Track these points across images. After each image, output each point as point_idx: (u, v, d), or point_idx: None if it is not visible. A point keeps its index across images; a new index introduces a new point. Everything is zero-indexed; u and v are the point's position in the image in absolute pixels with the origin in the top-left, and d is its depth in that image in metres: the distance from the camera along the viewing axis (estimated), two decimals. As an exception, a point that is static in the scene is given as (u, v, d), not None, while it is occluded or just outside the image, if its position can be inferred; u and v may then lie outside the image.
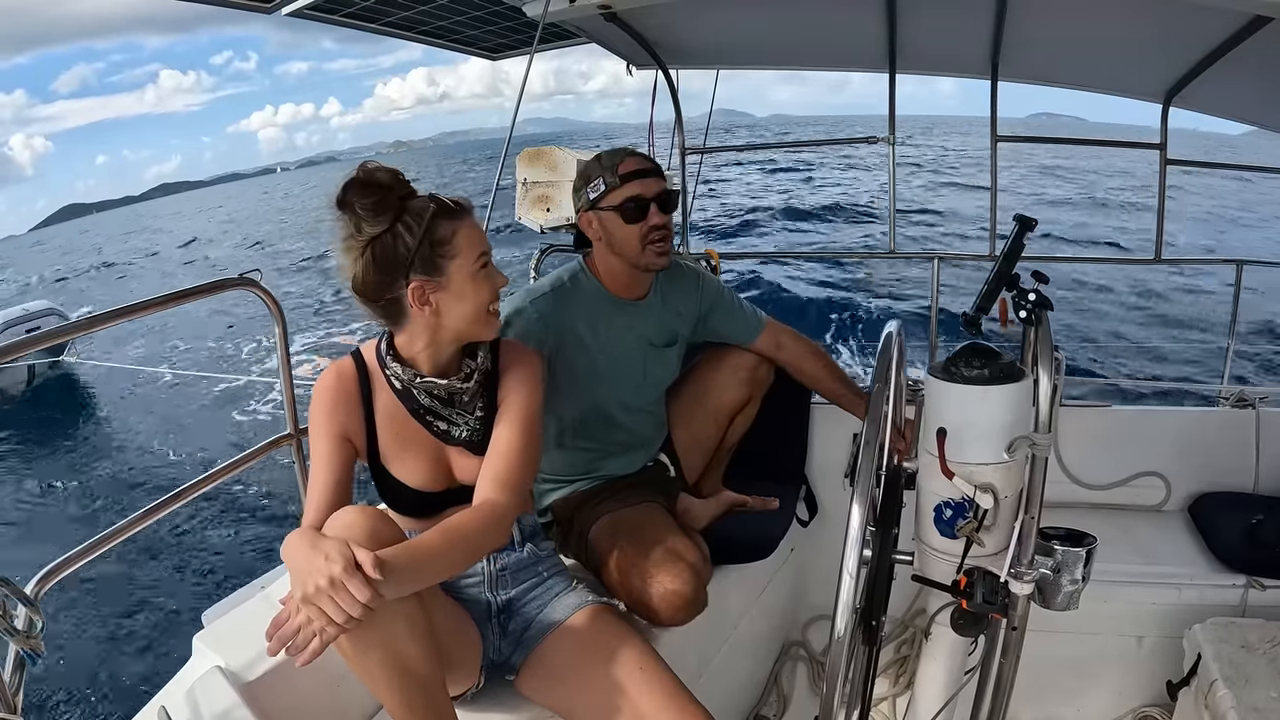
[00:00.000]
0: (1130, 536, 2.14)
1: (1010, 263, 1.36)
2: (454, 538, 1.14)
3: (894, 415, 1.23)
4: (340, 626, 0.97)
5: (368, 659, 1.11)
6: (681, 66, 2.94)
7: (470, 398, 1.32)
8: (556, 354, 1.70)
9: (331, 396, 1.28)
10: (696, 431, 1.98)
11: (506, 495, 1.24)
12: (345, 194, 1.19)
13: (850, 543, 0.98)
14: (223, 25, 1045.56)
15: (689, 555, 1.58)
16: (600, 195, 1.67)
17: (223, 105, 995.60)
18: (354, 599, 0.96)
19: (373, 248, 1.19)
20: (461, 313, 1.25)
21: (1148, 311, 11.30)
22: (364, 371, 1.32)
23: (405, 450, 1.33)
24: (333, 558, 0.97)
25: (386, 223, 1.19)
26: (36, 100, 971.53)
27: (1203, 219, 18.83)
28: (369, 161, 1.22)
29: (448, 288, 1.23)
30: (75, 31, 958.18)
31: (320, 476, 1.24)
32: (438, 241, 1.21)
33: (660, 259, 1.71)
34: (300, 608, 0.98)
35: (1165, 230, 2.68)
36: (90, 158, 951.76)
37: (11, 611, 1.07)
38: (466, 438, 1.33)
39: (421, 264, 1.21)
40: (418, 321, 1.25)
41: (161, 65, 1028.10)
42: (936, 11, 2.36)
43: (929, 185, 24.93)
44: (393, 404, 1.32)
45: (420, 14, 2.67)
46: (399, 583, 1.03)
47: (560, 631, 1.39)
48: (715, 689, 1.88)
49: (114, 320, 1.49)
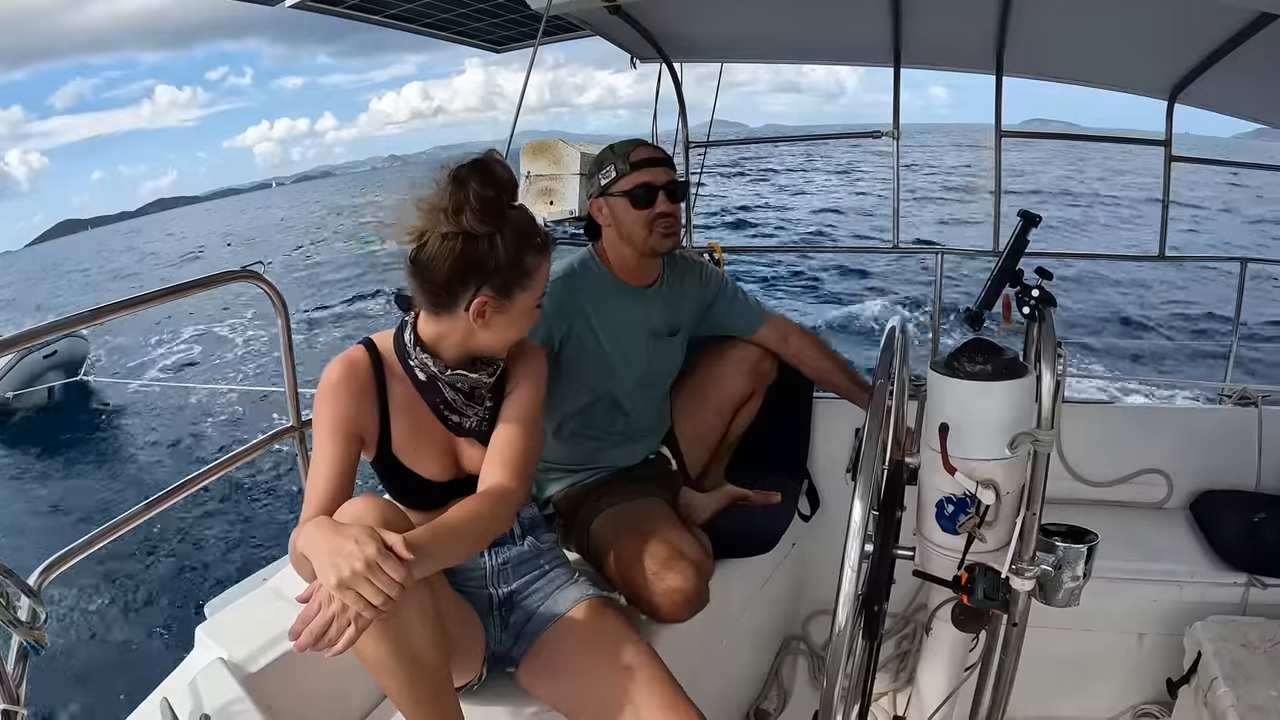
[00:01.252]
0: (1131, 534, 2.14)
1: (1014, 259, 1.36)
2: (470, 520, 1.15)
3: (897, 410, 1.23)
4: (378, 610, 0.96)
5: (380, 649, 1.10)
6: (685, 60, 2.93)
7: (487, 391, 1.34)
8: (567, 339, 1.71)
9: (343, 388, 1.25)
10: (699, 424, 1.98)
11: (513, 480, 1.25)
12: (467, 173, 1.16)
13: (852, 535, 0.98)
14: (219, 40, 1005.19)
15: (692, 552, 1.58)
16: (611, 181, 1.70)
17: (218, 120, 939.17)
18: (391, 579, 0.95)
19: (464, 241, 1.17)
20: (503, 337, 1.28)
21: (1151, 308, 11.28)
22: (378, 362, 1.30)
23: (419, 442, 1.33)
24: (363, 541, 0.97)
25: (491, 226, 1.17)
26: (33, 116, 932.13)
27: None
28: (494, 151, 1.23)
29: (508, 312, 1.24)
30: (72, 47, 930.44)
31: (323, 470, 1.21)
32: (524, 270, 1.22)
33: (666, 239, 1.73)
34: (333, 596, 0.96)
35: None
36: (86, 173, 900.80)
37: (15, 603, 1.07)
38: (475, 427, 1.34)
39: (500, 283, 1.21)
40: (460, 323, 1.25)
41: (157, 80, 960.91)
42: (941, 6, 2.35)
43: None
44: (409, 395, 1.31)
45: (424, 6, 2.67)
46: (426, 563, 1.04)
47: (560, 625, 1.39)
48: (715, 683, 1.89)
49: (119, 312, 1.49)
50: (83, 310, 1.37)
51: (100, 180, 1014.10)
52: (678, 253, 1.89)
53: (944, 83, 75.27)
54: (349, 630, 0.96)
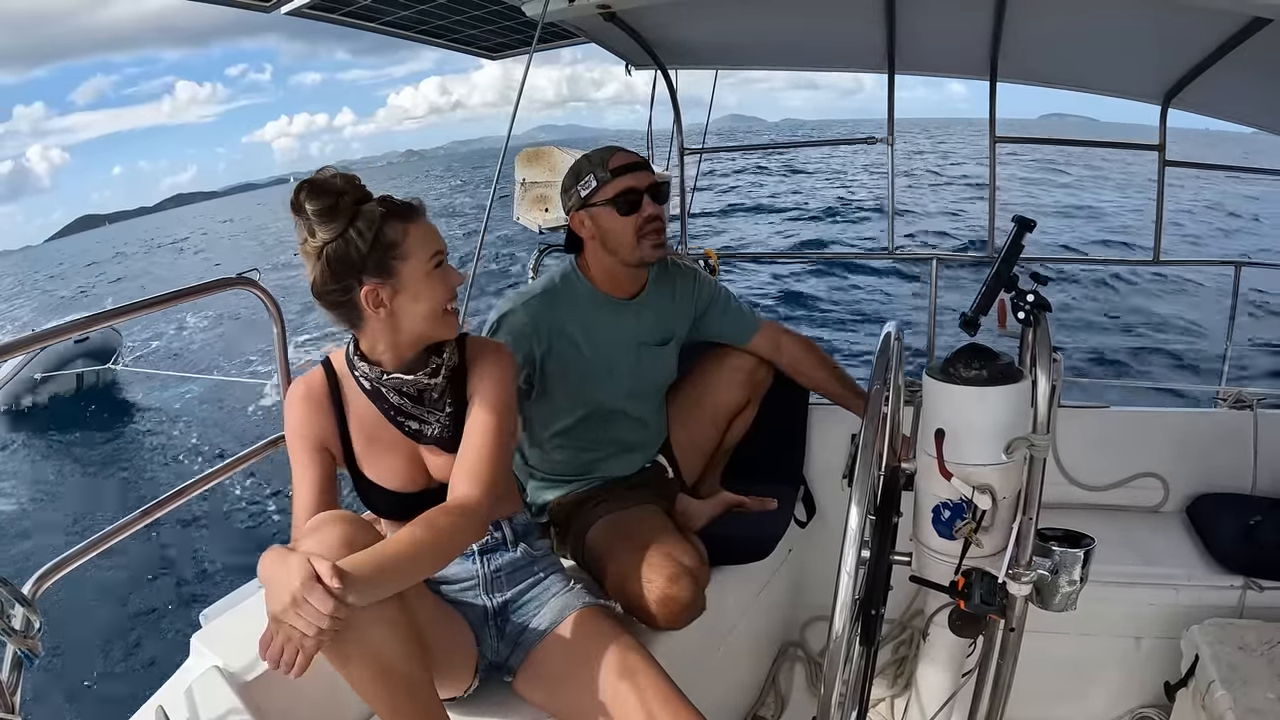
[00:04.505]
0: (1128, 537, 2.14)
1: (1009, 264, 1.36)
2: (422, 538, 1.12)
3: (892, 416, 1.23)
4: (315, 639, 0.97)
5: (349, 665, 1.11)
6: (680, 66, 2.94)
7: (439, 394, 1.33)
8: (548, 356, 1.70)
9: (303, 407, 1.31)
10: (694, 433, 1.98)
11: (479, 490, 1.23)
12: (297, 198, 1.19)
13: (849, 541, 0.98)
14: (238, 37, 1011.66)
15: (687, 560, 1.58)
16: (593, 191, 1.68)
17: (237, 116, 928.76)
18: (318, 611, 0.95)
19: (326, 253, 1.20)
20: (417, 312, 1.26)
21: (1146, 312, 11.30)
22: (333, 378, 1.33)
23: (380, 453, 1.34)
24: (294, 572, 0.97)
25: (339, 228, 1.19)
26: (54, 112, 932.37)
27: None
28: (327, 168, 1.23)
29: (401, 289, 1.24)
30: (94, 45, 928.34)
31: (302, 488, 1.27)
32: (389, 244, 1.22)
33: (656, 250, 1.71)
34: (276, 626, 0.98)
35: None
36: (107, 169, 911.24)
37: (9, 611, 1.07)
38: (438, 435, 1.33)
39: (374, 267, 1.21)
40: (374, 323, 1.26)
41: (178, 77, 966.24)
42: (935, 11, 2.36)
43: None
44: (365, 407, 1.33)
45: (419, 13, 2.67)
46: (366, 590, 1.02)
47: (557, 634, 1.39)
48: (712, 690, 1.88)
49: (114, 319, 1.49)
50: (79, 316, 1.38)
51: (120, 176, 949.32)
52: (670, 259, 1.89)
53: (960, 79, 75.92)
54: (298, 656, 0.98)
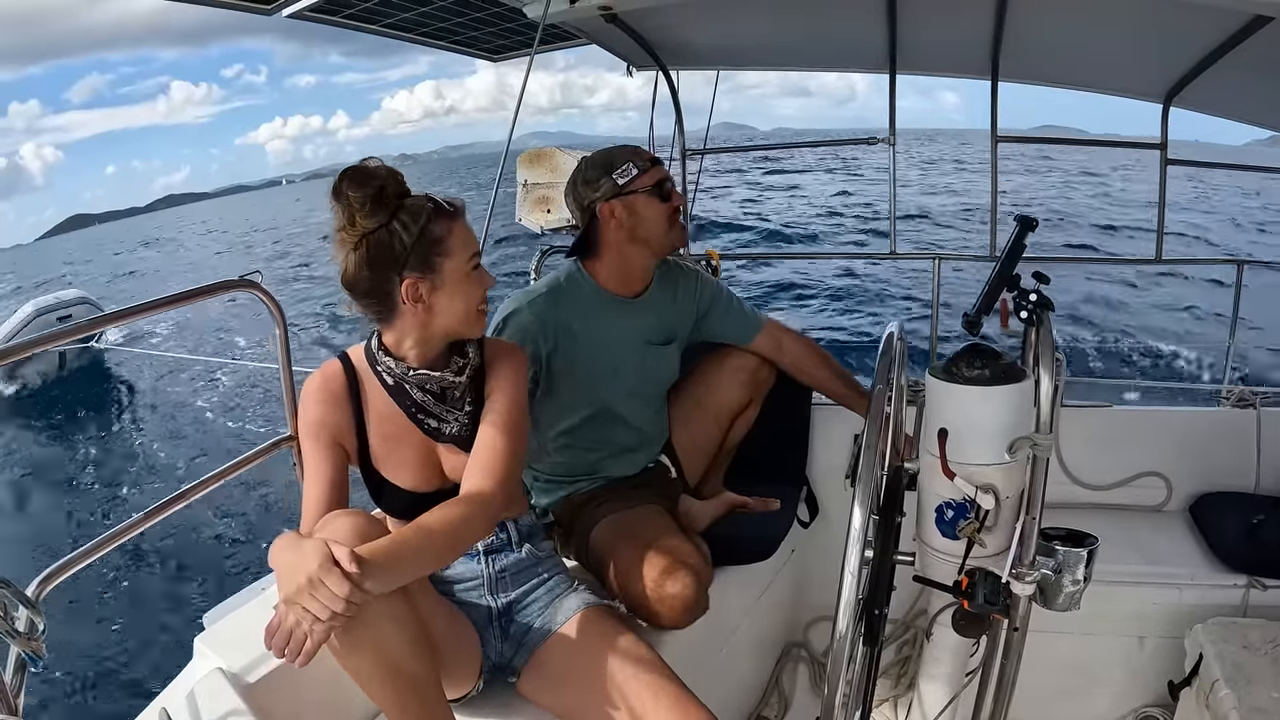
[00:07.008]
0: (1131, 537, 2.14)
1: (1011, 263, 1.36)
2: (437, 529, 1.13)
3: (895, 416, 1.23)
4: (327, 624, 0.97)
5: (357, 660, 1.11)
6: (682, 67, 2.94)
7: (461, 393, 1.33)
8: (554, 355, 1.71)
9: (319, 400, 1.29)
10: (697, 433, 1.98)
11: (492, 485, 1.23)
12: (341, 184, 1.19)
13: (852, 541, 0.98)
14: (234, 38, 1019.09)
15: (690, 559, 1.58)
16: (632, 179, 1.72)
17: (232, 117, 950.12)
18: (334, 594, 0.96)
19: (367, 242, 1.19)
20: (453, 311, 1.26)
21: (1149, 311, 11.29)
22: (352, 373, 1.32)
23: (397, 451, 1.33)
24: (310, 555, 0.97)
25: (383, 218, 1.19)
26: (49, 110, 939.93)
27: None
28: (370, 158, 1.23)
29: (441, 285, 1.24)
30: (90, 43, 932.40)
31: (314, 483, 1.25)
32: (434, 240, 1.22)
33: (684, 234, 1.85)
34: (287, 609, 0.98)
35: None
36: (100, 168, 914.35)
37: (13, 613, 1.07)
38: (456, 433, 1.33)
39: (416, 261, 1.21)
40: (408, 318, 1.25)
41: (173, 77, 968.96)
42: (937, 11, 2.36)
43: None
44: (384, 404, 1.32)
45: (421, 15, 2.67)
46: (382, 577, 1.02)
47: (561, 634, 1.39)
48: (716, 690, 1.88)
49: (117, 321, 1.50)
50: (81, 320, 1.38)
51: (113, 175, 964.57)
52: (671, 260, 1.89)
53: (950, 87, 74.71)
54: (306, 642, 0.98)
